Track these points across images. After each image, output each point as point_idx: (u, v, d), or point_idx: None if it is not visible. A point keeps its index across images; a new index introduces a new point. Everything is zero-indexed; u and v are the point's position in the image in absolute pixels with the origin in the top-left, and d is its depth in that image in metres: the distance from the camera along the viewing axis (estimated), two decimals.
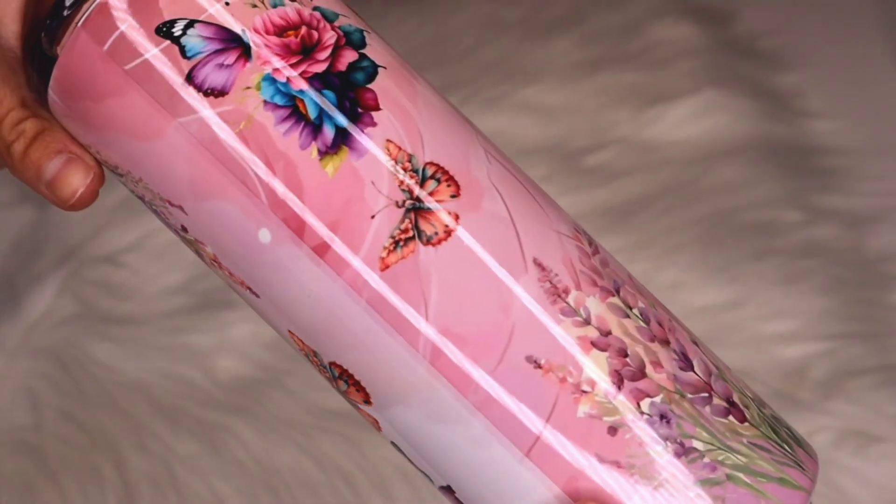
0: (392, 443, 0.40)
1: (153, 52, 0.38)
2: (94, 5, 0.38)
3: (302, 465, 0.71)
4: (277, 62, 0.38)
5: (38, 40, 0.40)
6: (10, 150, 0.41)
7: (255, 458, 0.72)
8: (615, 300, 0.38)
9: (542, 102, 1.00)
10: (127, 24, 0.38)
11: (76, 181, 0.40)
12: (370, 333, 0.38)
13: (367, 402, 0.39)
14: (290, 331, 0.40)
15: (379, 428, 0.40)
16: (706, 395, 0.38)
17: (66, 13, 0.39)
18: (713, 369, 0.39)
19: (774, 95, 1.01)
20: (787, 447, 0.39)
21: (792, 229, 0.87)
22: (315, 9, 0.39)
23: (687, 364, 0.39)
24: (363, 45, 0.39)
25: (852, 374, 0.77)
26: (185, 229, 0.40)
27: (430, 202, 0.38)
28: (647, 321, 0.39)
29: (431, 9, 1.10)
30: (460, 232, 0.37)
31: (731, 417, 0.39)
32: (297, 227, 0.38)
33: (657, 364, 0.38)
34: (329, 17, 0.39)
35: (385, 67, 0.39)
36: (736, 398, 0.39)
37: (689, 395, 0.38)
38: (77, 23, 0.39)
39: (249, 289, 0.40)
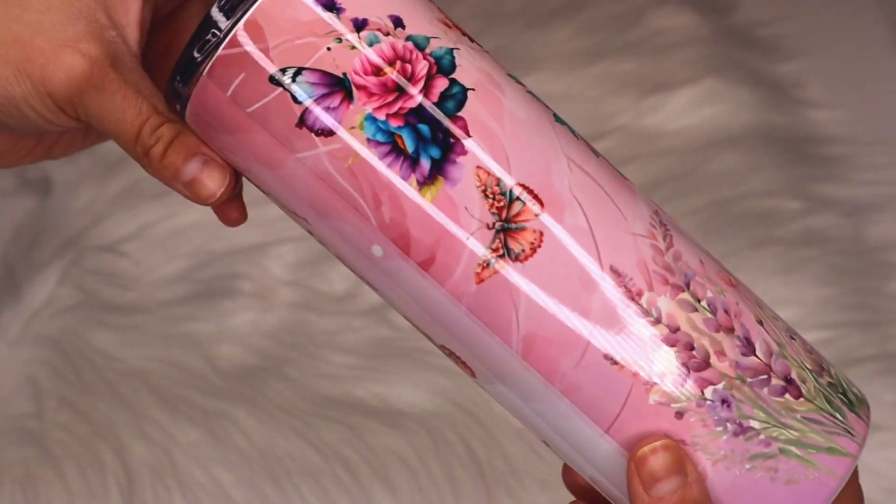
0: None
1: (268, 99, 0.43)
2: (215, 57, 0.43)
3: (303, 452, 0.71)
4: (376, 101, 0.42)
5: (173, 79, 0.44)
6: (149, 154, 0.45)
7: (255, 446, 0.72)
8: (685, 296, 0.43)
9: (543, 91, 1.00)
10: (244, 75, 0.43)
11: (213, 184, 0.45)
12: (470, 332, 0.43)
13: (473, 376, 0.45)
14: (405, 315, 0.45)
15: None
16: (765, 376, 0.43)
17: (197, 58, 0.44)
18: (774, 348, 0.44)
19: (774, 84, 1.01)
20: (838, 416, 0.44)
21: (791, 218, 0.88)
22: (408, 38, 0.43)
23: (749, 349, 0.43)
24: (453, 68, 0.43)
25: (852, 362, 0.77)
26: (310, 233, 0.45)
27: (517, 222, 0.43)
28: (714, 311, 0.43)
29: None
30: (545, 247, 0.42)
31: (787, 396, 0.43)
32: (404, 246, 0.43)
33: (721, 353, 0.42)
34: (421, 45, 0.43)
35: (474, 89, 0.43)
36: (794, 374, 0.44)
37: (749, 380, 0.43)
38: (202, 71, 0.43)
39: (367, 282, 0.45)
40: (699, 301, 0.43)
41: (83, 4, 0.45)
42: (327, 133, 0.43)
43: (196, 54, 0.43)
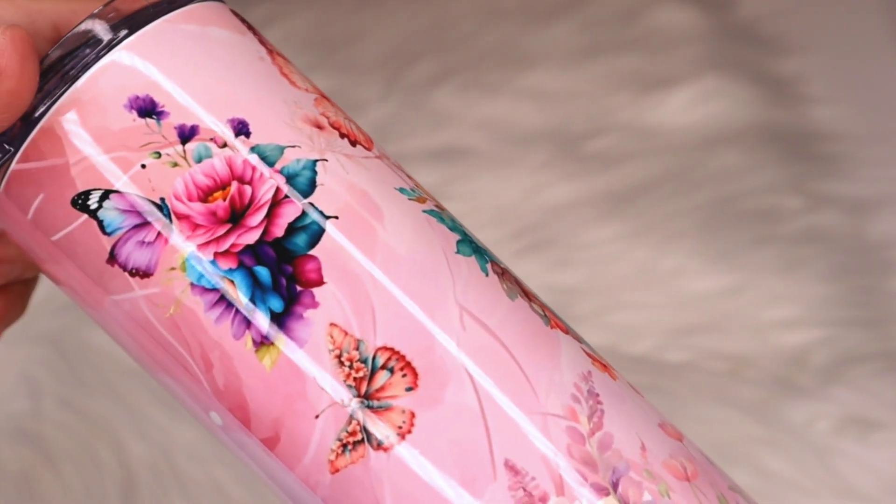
0: None
1: (73, 227, 0.34)
2: (8, 172, 0.34)
3: None
4: (203, 236, 0.33)
5: None
6: None
7: None
8: (610, 500, 0.32)
9: (543, 88, 1.00)
10: (42, 196, 0.34)
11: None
12: None
13: None
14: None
15: None
16: None
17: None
18: None
19: (776, 81, 1.01)
20: None
21: (793, 215, 0.87)
22: (253, 150, 0.34)
23: None
24: (311, 189, 0.33)
25: (853, 360, 0.77)
26: None
27: (380, 400, 0.32)
28: None
29: None
30: (417, 433, 0.32)
31: None
32: (243, 419, 0.34)
33: None
34: (270, 159, 0.33)
35: (336, 217, 0.33)
36: None
37: None
38: (0, 185, 0.35)
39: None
40: None
41: None
42: (143, 273, 0.34)
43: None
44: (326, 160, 0.34)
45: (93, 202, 0.34)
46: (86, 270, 0.34)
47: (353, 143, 0.35)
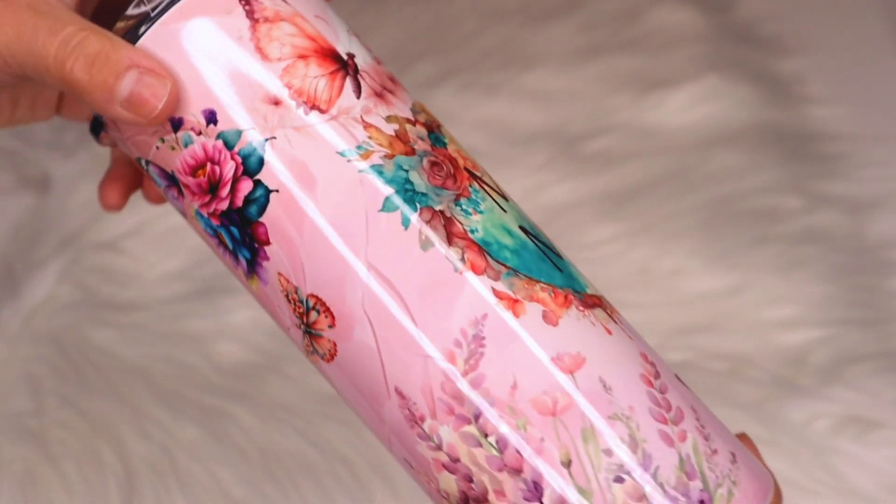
0: None
1: (146, 174, 0.46)
2: (101, 133, 0.47)
3: (302, 450, 0.71)
4: (198, 201, 0.43)
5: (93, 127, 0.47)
6: (72, 73, 0.39)
7: (255, 444, 0.72)
8: (470, 429, 0.40)
9: (543, 88, 1.00)
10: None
11: (156, 97, 0.40)
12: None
13: None
14: None
15: None
16: None
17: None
18: (572, 499, 0.40)
19: (775, 81, 1.01)
20: None
21: (792, 215, 0.87)
22: (219, 136, 0.42)
23: (535, 494, 0.39)
24: (259, 167, 0.41)
25: (852, 360, 0.77)
26: None
27: (315, 330, 0.42)
28: (502, 449, 0.40)
29: None
30: (339, 358, 0.42)
31: None
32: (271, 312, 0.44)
33: (500, 493, 0.40)
34: (230, 143, 0.42)
35: (277, 191, 0.41)
36: None
37: None
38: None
39: None
40: (486, 437, 0.40)
41: None
42: (182, 214, 0.45)
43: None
44: (275, 138, 0.41)
45: (143, 165, 0.44)
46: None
47: (309, 110, 0.42)
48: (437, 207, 0.41)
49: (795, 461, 0.69)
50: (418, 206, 0.41)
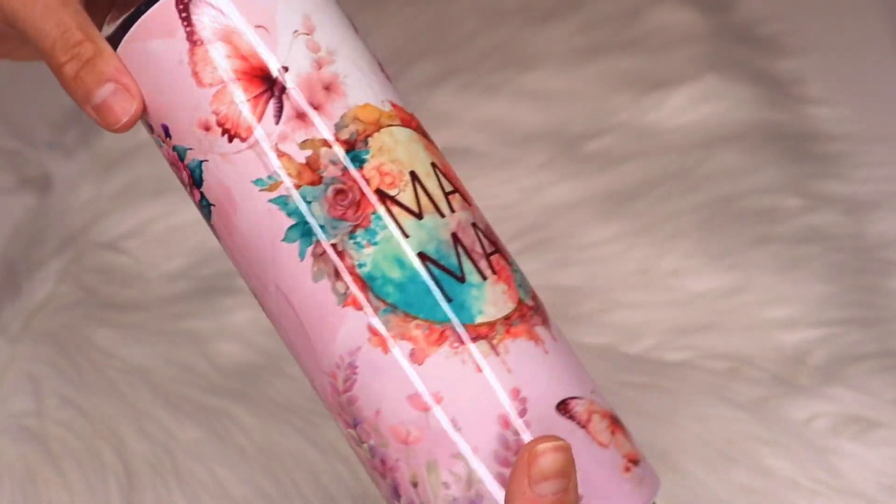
0: None
1: None
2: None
3: (303, 450, 0.71)
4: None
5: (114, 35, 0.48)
6: (62, 70, 0.46)
7: (255, 444, 0.72)
8: (352, 432, 0.45)
9: (542, 88, 1.00)
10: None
11: (121, 111, 0.45)
12: None
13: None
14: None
15: None
16: None
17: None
18: None
19: (775, 82, 1.01)
20: None
21: (792, 215, 0.87)
22: (174, 148, 0.46)
23: (396, 496, 0.45)
24: (201, 182, 0.46)
25: (852, 359, 0.77)
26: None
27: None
28: (372, 456, 0.45)
29: None
30: (275, 326, 0.47)
31: None
32: None
33: (376, 484, 0.46)
34: (181, 156, 0.46)
35: (214, 205, 0.46)
36: None
37: None
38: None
39: None
40: (362, 443, 0.45)
41: None
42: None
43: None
44: (207, 160, 0.45)
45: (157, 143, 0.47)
46: None
47: (231, 139, 0.45)
48: (332, 241, 0.44)
49: (795, 461, 0.69)
50: (313, 239, 0.44)
